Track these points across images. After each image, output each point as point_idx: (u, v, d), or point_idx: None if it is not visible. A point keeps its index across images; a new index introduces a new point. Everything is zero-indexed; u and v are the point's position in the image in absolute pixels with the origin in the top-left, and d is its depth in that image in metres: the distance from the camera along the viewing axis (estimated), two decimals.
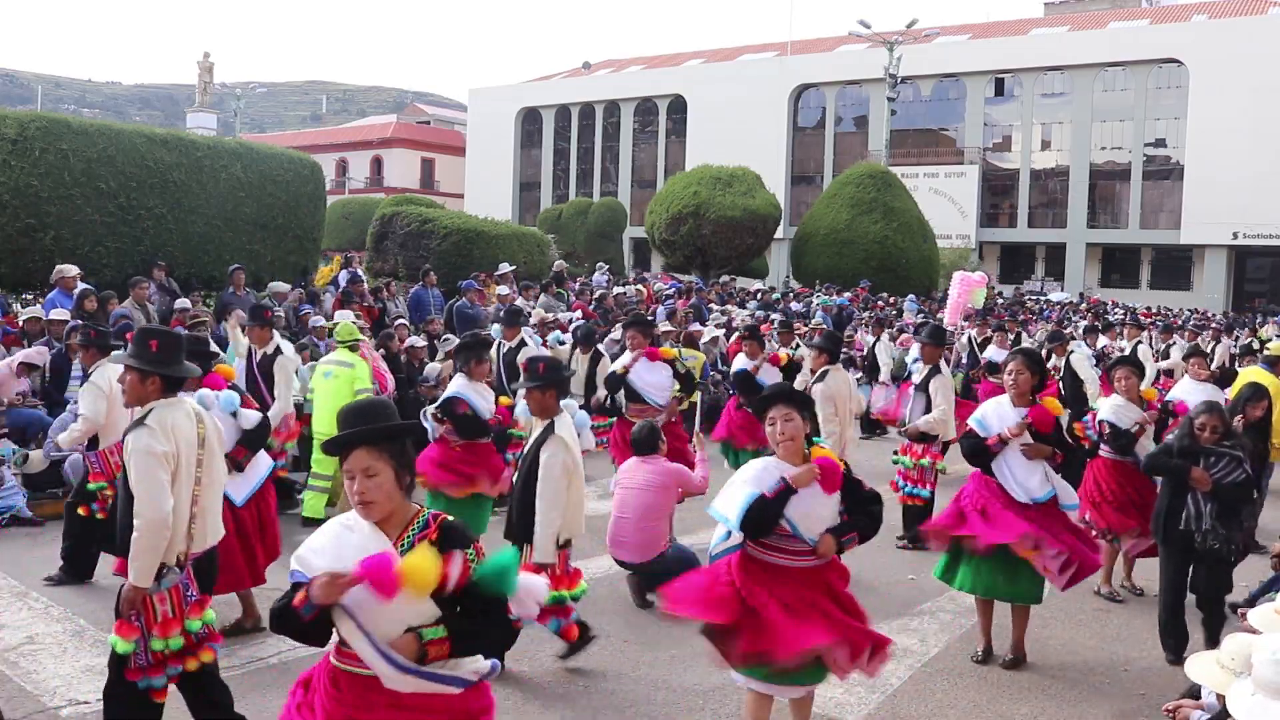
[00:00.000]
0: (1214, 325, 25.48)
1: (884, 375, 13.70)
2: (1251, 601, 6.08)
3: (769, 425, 4.20)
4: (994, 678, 5.71)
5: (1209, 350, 16.25)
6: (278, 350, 8.24)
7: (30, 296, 12.30)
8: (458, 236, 18.28)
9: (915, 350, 9.32)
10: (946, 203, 45.88)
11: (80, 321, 9.89)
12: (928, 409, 8.32)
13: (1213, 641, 5.49)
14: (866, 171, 32.14)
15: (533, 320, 12.86)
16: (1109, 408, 7.22)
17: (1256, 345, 14.91)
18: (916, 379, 8.63)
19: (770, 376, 9.01)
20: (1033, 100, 47.30)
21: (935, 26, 49.80)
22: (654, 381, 8.55)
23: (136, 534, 3.92)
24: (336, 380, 8.37)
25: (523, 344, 9.72)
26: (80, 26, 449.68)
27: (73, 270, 11.34)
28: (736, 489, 4.16)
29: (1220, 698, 3.63)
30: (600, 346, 10.66)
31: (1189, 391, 9.18)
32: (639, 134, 56.91)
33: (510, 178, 59.55)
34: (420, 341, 11.56)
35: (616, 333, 12.51)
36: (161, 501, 3.94)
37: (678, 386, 8.68)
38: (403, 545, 2.80)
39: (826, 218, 30.80)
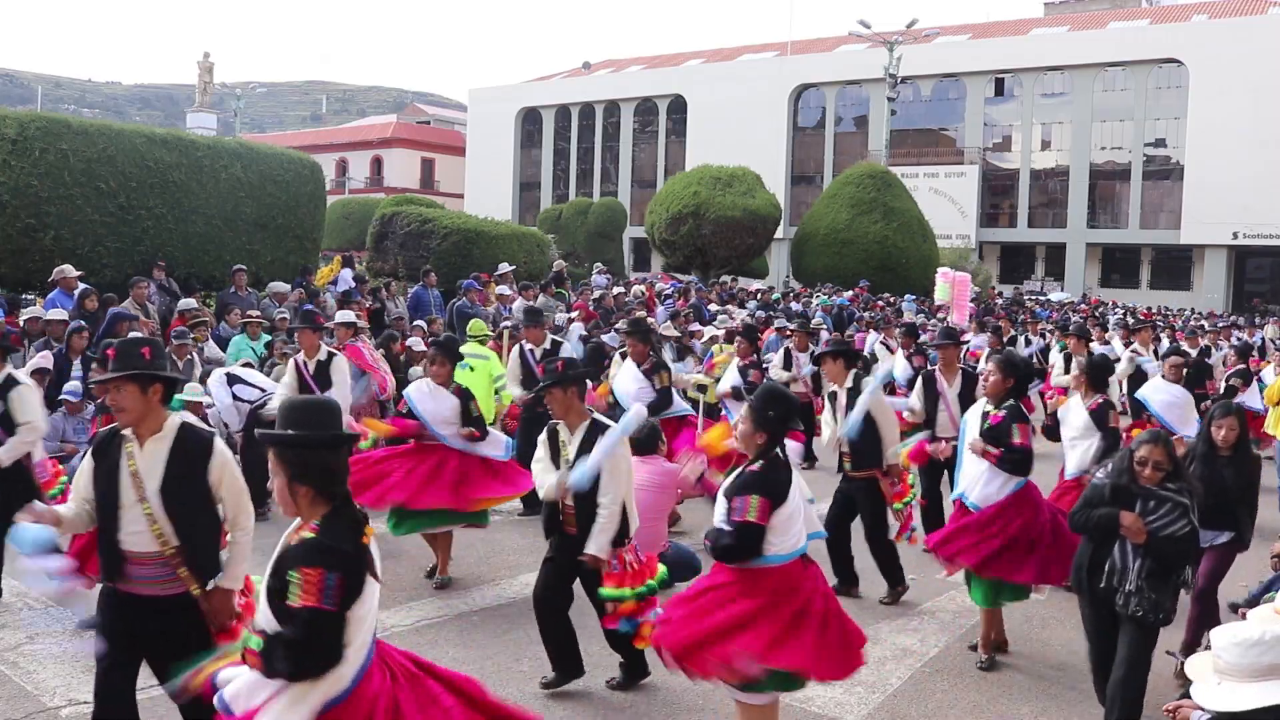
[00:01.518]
0: (1220, 326, 25.42)
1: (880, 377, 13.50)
2: (1252, 602, 6.08)
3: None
4: (994, 678, 5.71)
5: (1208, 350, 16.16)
6: (331, 356, 8.40)
7: (31, 296, 12.30)
8: (458, 236, 18.28)
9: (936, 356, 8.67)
10: (946, 203, 45.89)
11: (81, 322, 9.90)
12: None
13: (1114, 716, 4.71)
14: (866, 171, 32.15)
15: None
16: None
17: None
18: (950, 390, 7.87)
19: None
20: (1033, 100, 47.31)
21: (935, 26, 49.81)
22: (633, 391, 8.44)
23: (246, 537, 3.92)
24: (475, 373, 8.92)
25: (558, 345, 9.30)
26: (80, 26, 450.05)
27: (71, 271, 11.34)
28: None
29: None
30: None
31: (1156, 391, 9.09)
32: (639, 134, 56.92)
33: (510, 178, 59.56)
34: (421, 344, 11.54)
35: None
36: None
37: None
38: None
39: (826, 218, 30.82)
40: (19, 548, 3.65)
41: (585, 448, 5.05)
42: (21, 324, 9.95)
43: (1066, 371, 11.05)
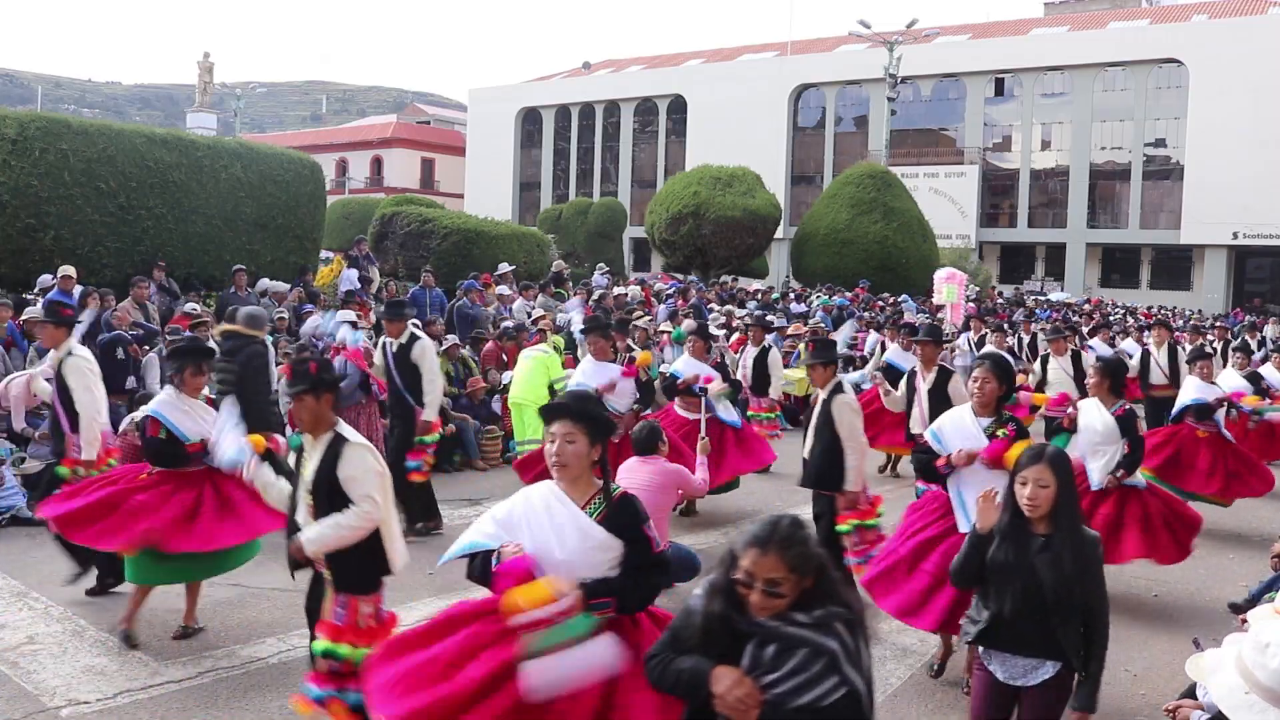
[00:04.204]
0: (1219, 325, 25.33)
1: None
2: (1252, 601, 6.07)
3: (548, 442, 3.36)
4: None
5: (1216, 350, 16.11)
6: (413, 339, 8.28)
7: (32, 296, 12.30)
8: (458, 236, 18.29)
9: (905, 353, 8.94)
10: (946, 203, 45.90)
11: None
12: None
13: None
14: (866, 171, 32.14)
15: (532, 319, 12.87)
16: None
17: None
18: (924, 385, 7.95)
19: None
20: (1033, 100, 47.32)
21: (935, 26, 49.81)
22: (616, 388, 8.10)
23: None
24: (531, 368, 9.86)
25: (414, 339, 8.34)
26: (80, 26, 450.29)
27: (61, 274, 11.37)
28: (475, 527, 3.35)
29: None
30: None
31: (1197, 393, 9.28)
32: (639, 134, 56.92)
33: (510, 178, 59.57)
34: None
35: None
36: None
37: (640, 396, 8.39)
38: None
39: (826, 218, 30.80)
40: None
41: (327, 463, 4.17)
42: (20, 323, 9.96)
43: (1044, 372, 11.16)
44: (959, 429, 5.29)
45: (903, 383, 8.41)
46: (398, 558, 4.23)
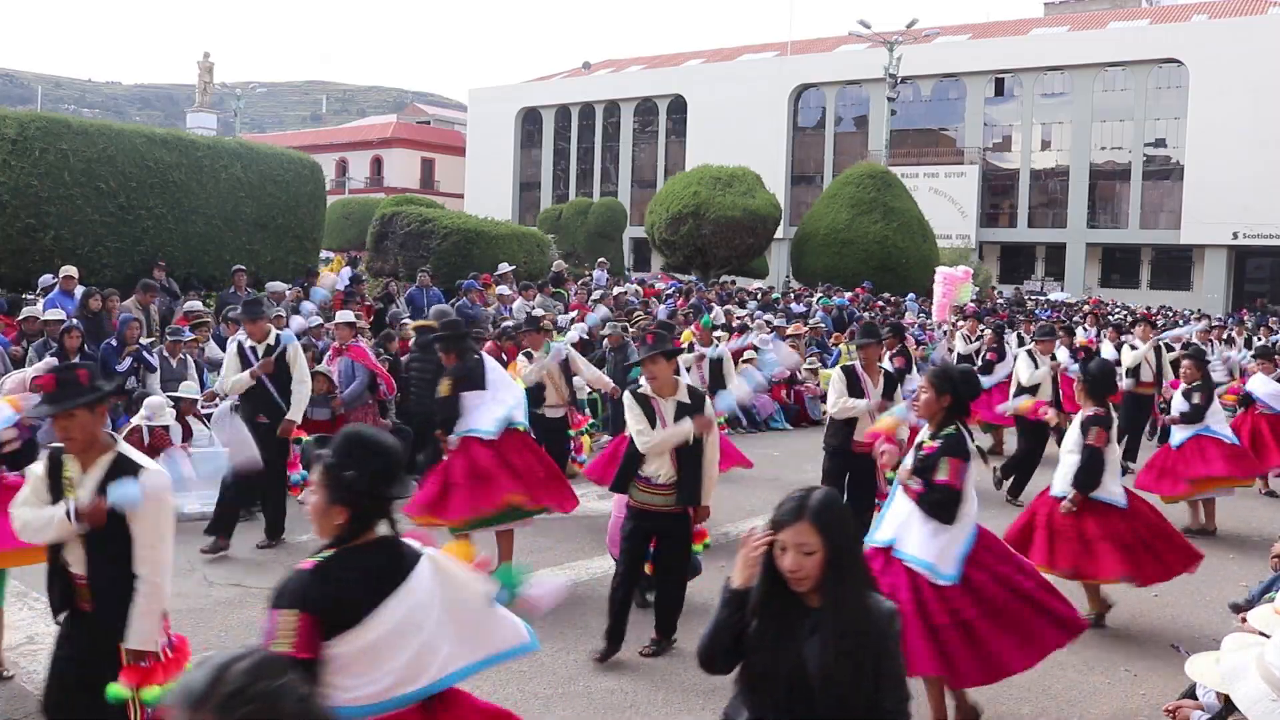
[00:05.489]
0: (1214, 324, 25.35)
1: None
2: (1252, 602, 6.07)
3: None
4: None
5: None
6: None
7: (32, 296, 12.31)
8: (458, 236, 18.29)
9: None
10: (946, 203, 45.88)
11: (75, 321, 9.90)
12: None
13: None
14: (866, 171, 32.16)
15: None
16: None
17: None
18: (874, 392, 7.57)
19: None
20: (1033, 100, 47.30)
21: (935, 26, 49.80)
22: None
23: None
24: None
25: (271, 349, 7.72)
26: (80, 26, 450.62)
27: (63, 274, 11.37)
28: None
29: (1220, 696, 3.62)
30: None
31: (1264, 387, 10.13)
32: (639, 134, 56.91)
33: (510, 178, 59.56)
34: None
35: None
36: None
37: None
38: None
39: (826, 218, 30.82)
40: None
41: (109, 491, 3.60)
42: (19, 323, 9.97)
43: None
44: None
45: (838, 383, 7.69)
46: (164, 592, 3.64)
